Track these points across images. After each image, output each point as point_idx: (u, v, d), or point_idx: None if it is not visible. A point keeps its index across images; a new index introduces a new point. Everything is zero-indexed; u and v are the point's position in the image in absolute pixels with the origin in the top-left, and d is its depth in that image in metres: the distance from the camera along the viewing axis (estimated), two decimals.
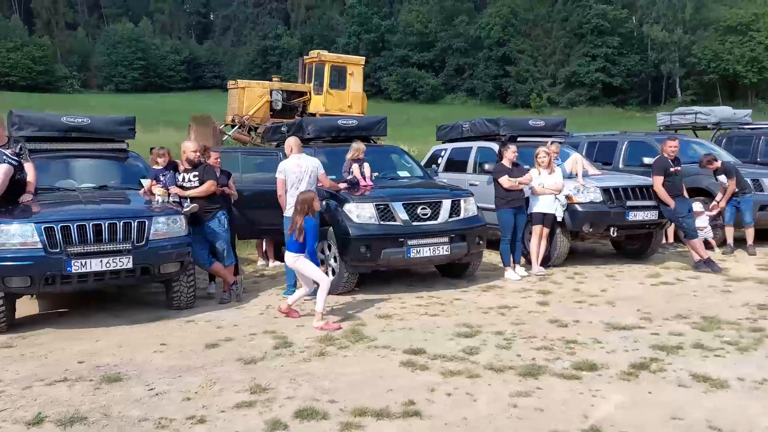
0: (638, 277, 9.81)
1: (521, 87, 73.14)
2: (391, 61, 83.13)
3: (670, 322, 7.28)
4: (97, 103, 55.20)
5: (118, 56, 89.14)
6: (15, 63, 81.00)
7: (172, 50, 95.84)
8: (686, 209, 10.36)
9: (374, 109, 62.60)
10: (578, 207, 10.36)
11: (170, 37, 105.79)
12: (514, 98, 74.26)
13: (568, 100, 69.52)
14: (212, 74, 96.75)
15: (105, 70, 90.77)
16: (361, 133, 11.29)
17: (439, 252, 8.87)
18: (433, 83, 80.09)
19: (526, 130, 12.31)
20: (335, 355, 6.24)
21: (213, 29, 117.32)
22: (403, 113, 62.26)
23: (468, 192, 9.63)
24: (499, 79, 76.53)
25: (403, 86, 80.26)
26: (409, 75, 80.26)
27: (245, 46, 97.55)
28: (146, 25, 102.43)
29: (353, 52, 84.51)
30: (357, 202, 8.75)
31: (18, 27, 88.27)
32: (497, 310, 8.02)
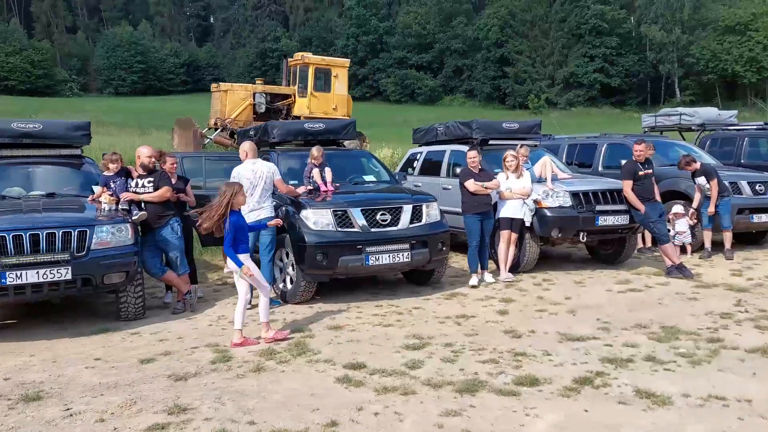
0: (607, 284, 9.57)
1: (519, 88, 72.86)
2: (389, 63, 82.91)
3: (627, 333, 7.06)
4: (92, 107, 55.11)
5: (117, 59, 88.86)
6: (14, 67, 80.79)
7: (171, 53, 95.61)
8: (657, 213, 10.12)
9: (373, 111, 62.55)
10: (547, 212, 10.13)
11: (170, 39, 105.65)
12: (512, 99, 73.98)
13: (566, 100, 69.20)
14: (212, 77, 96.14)
15: (104, 74, 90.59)
16: (329, 137, 11.09)
17: (399, 259, 8.65)
18: (431, 85, 79.85)
19: (499, 133, 12.05)
20: (272, 371, 6.02)
21: (213, 32, 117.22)
22: (401, 115, 62.09)
23: (431, 197, 9.41)
24: (497, 80, 76.25)
25: (402, 88, 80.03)
26: (408, 77, 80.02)
27: (244, 49, 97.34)
28: (146, 29, 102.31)
29: (351, 54, 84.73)
30: (314, 208, 8.54)
31: (17, 31, 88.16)
32: (455, 319, 7.80)
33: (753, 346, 6.39)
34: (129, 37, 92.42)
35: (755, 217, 11.87)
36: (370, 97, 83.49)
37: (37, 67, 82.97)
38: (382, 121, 55.67)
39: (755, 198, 11.96)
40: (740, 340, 6.64)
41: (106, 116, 49.69)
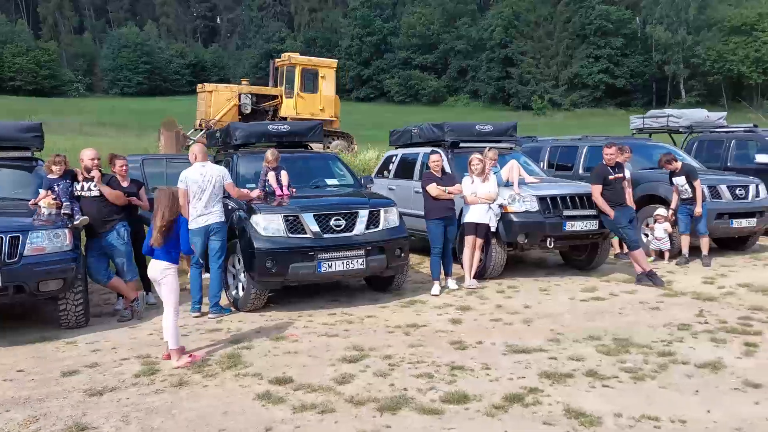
0: (572, 291, 9.29)
1: (523, 89, 72.48)
2: (393, 64, 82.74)
3: (577, 345, 6.78)
4: (93, 108, 55.13)
5: (123, 60, 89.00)
6: (20, 67, 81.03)
7: (177, 54, 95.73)
8: (627, 219, 9.82)
9: (376, 112, 62.46)
10: (513, 217, 9.86)
11: (176, 40, 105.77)
12: (516, 100, 73.66)
13: (570, 101, 68.83)
14: (217, 78, 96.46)
15: (110, 74, 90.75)
16: (294, 139, 10.85)
17: (353, 266, 8.39)
18: (435, 85, 79.62)
19: (472, 136, 11.76)
20: (194, 386, 5.76)
21: (219, 33, 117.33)
22: (404, 116, 61.80)
23: (390, 202, 9.14)
24: (501, 81, 75.95)
25: (406, 89, 79.84)
26: (412, 77, 79.82)
27: (249, 50, 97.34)
28: (152, 29, 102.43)
29: (356, 55, 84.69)
30: (264, 213, 8.29)
31: (23, 31, 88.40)
32: (404, 329, 7.55)
33: (704, 361, 6.10)
34: (135, 38, 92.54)
35: (735, 222, 11.56)
36: (374, 98, 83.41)
37: (44, 68, 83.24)
38: (385, 123, 55.46)
39: (735, 202, 11.64)
40: (692, 354, 6.35)
41: (106, 117, 49.87)
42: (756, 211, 11.74)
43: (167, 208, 6.34)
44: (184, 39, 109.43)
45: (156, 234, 6.29)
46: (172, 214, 6.39)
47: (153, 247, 6.39)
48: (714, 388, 5.47)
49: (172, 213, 6.38)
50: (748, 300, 8.48)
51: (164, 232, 6.28)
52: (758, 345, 6.54)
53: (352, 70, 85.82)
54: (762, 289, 9.00)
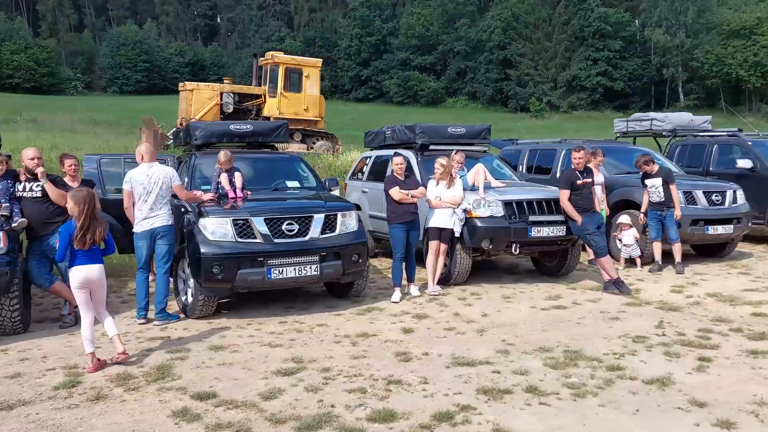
0: (535, 299, 9.02)
1: (522, 90, 72.11)
2: (392, 65, 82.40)
3: (526, 357, 6.50)
4: (88, 106, 54.86)
5: (122, 58, 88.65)
6: (18, 65, 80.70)
7: (176, 52, 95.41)
8: (595, 225, 9.55)
9: (375, 113, 62.10)
10: (477, 222, 9.59)
11: (175, 39, 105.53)
12: (514, 102, 73.29)
13: (569, 104, 68.42)
14: (216, 77, 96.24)
15: (109, 72, 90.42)
16: (257, 139, 10.60)
17: (306, 272, 8.12)
18: (434, 86, 79.27)
19: (444, 138, 11.50)
20: (111, 401, 5.49)
21: (219, 32, 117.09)
22: (402, 117, 61.53)
23: (348, 205, 8.86)
24: (500, 82, 75.58)
25: (404, 89, 79.51)
26: (411, 78, 79.47)
27: (249, 49, 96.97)
28: (151, 27, 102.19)
29: (355, 55, 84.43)
30: (212, 216, 8.02)
31: (22, 28, 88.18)
32: (353, 338, 7.28)
33: (653, 377, 5.82)
34: (134, 36, 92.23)
35: (710, 229, 11.28)
36: (373, 99, 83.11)
37: (42, 65, 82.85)
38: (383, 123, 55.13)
39: (710, 209, 11.36)
40: (642, 369, 6.07)
41: (100, 115, 49.59)
42: (733, 218, 11.46)
43: (83, 212, 6.12)
44: (183, 38, 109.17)
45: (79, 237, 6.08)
46: (89, 217, 6.15)
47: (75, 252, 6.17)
48: (656, 407, 5.20)
49: (88, 216, 6.14)
50: (714, 311, 8.20)
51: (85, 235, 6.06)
52: (712, 360, 6.26)
53: (351, 70, 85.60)
54: (730, 299, 8.72)
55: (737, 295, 8.92)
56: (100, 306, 6.49)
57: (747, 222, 11.73)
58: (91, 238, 6.22)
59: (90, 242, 6.23)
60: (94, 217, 6.30)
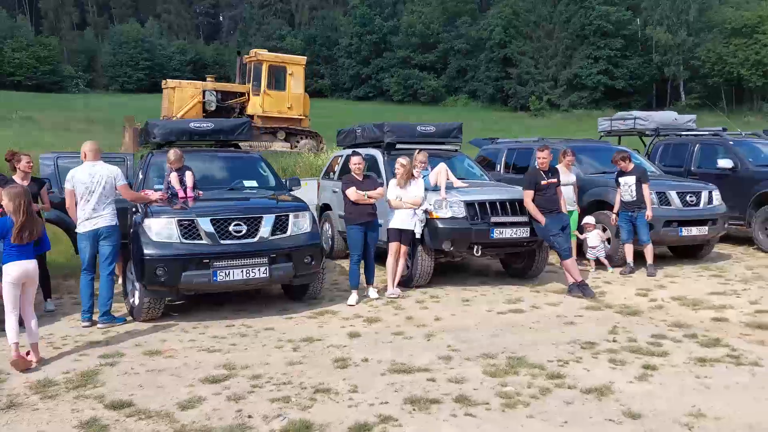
0: (494, 303, 8.80)
1: (522, 89, 71.74)
2: (392, 63, 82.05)
3: (467, 363, 6.28)
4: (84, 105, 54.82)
5: (123, 56, 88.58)
6: (20, 62, 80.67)
7: (178, 50, 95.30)
8: (559, 226, 9.31)
9: (375, 112, 61.81)
10: (438, 223, 9.35)
11: (177, 37, 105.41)
12: (515, 101, 72.92)
13: (569, 102, 67.96)
14: (218, 75, 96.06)
15: (110, 71, 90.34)
16: (218, 137, 10.38)
17: (255, 275, 7.91)
18: (434, 85, 78.91)
19: (413, 137, 11.26)
20: (25, 408, 5.30)
21: (221, 30, 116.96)
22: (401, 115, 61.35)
23: (302, 206, 8.63)
24: (500, 81, 75.16)
25: (405, 88, 79.16)
26: (411, 77, 79.11)
27: (250, 47, 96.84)
28: (153, 25, 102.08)
29: (355, 53, 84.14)
30: (157, 217, 7.82)
31: (24, 26, 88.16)
32: (297, 343, 7.08)
33: (592, 386, 5.59)
34: (136, 34, 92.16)
35: (684, 231, 11.04)
36: (373, 97, 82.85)
37: (44, 63, 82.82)
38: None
39: (684, 210, 11.11)
40: (584, 377, 5.84)
41: (96, 113, 49.54)
42: (708, 219, 11.21)
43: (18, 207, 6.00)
44: (185, 36, 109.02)
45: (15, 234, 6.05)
46: (26, 213, 6.03)
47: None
48: (587, 419, 4.97)
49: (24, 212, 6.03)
50: (675, 315, 7.98)
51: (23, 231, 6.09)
52: (657, 368, 6.03)
53: (351, 68, 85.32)
54: (694, 303, 8.49)
55: (702, 299, 8.68)
56: (29, 304, 6.36)
57: (723, 223, 11.48)
58: (28, 235, 6.11)
59: (27, 238, 6.11)
60: (30, 214, 6.21)
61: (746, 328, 7.37)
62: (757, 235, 12.66)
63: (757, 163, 13.24)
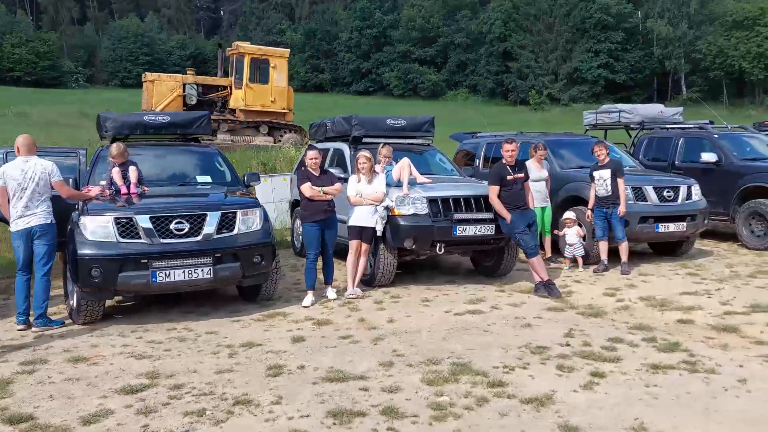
0: (455, 303, 8.42)
1: (522, 83, 71.24)
2: (392, 57, 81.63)
3: (407, 370, 5.91)
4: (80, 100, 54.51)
5: (123, 51, 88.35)
6: (20, 58, 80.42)
7: (177, 45, 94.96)
8: (525, 223, 8.92)
9: (375, 106, 61.41)
10: (400, 220, 8.95)
11: (177, 32, 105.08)
12: (515, 95, 72.44)
13: (569, 96, 67.48)
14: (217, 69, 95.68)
15: (110, 66, 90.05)
16: (175, 131, 10.01)
17: (197, 275, 7.52)
18: (434, 79, 78.50)
19: (383, 130, 10.88)
20: None
21: (222, 24, 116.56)
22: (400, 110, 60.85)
23: (252, 202, 8.24)
24: (500, 75, 74.67)
25: (405, 82, 78.77)
26: (411, 71, 78.68)
27: (250, 41, 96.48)
28: (152, 20, 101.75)
29: (355, 47, 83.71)
30: (93, 215, 7.43)
31: (23, 21, 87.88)
32: (236, 348, 6.74)
33: (534, 395, 5.22)
34: (135, 29, 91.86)
35: (661, 227, 10.62)
36: (374, 92, 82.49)
37: (44, 59, 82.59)
38: None
39: (661, 205, 10.69)
40: (527, 385, 5.46)
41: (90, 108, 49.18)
42: (686, 215, 10.79)
43: None
44: (185, 30, 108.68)
45: None
46: None
47: None
48: None
49: None
50: (638, 317, 7.59)
51: None
52: (606, 375, 5.63)
53: (351, 63, 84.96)
54: (661, 304, 8.10)
55: (671, 299, 8.29)
56: None
57: (703, 219, 11.06)
58: None
59: None
60: None
61: (711, 330, 6.96)
62: (741, 231, 12.24)
63: (742, 156, 12.82)
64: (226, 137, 22.42)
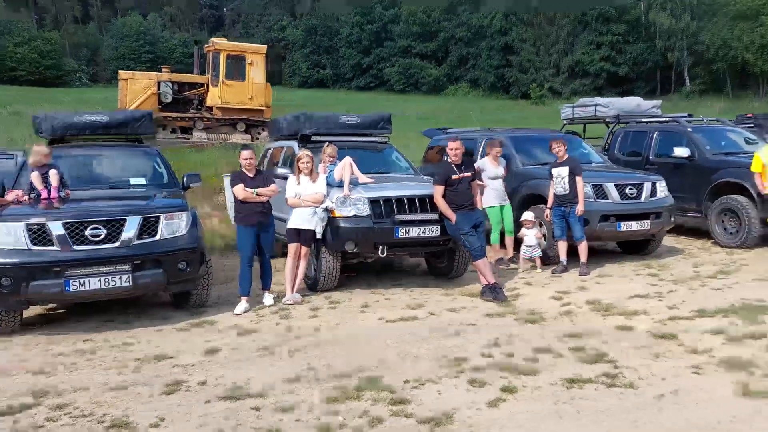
0: (393, 309, 8.08)
1: (523, 77, 70.58)
2: (393, 52, 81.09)
3: (313, 386, 5.51)
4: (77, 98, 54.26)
5: (125, 50, 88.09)
6: (22, 57, 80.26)
7: (180, 43, 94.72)
8: (470, 224, 8.53)
9: (376, 102, 60.99)
10: (340, 222, 8.58)
11: (179, 29, 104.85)
12: (516, 89, 71.78)
13: (571, 90, 66.59)
14: None
15: (113, 64, 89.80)
16: (117, 131, 9.65)
17: (115, 284, 7.18)
18: (435, 74, 77.87)
19: (335, 128, 10.51)
20: None
21: (225, 22, 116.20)
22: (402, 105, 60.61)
23: (178, 205, 7.87)
24: (501, 69, 73.99)
25: (406, 77, 78.22)
26: (412, 66, 78.13)
27: (252, 39, 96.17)
28: (155, 18, 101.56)
29: (356, 43, 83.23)
30: (4, 221, 7.09)
31: (25, 21, 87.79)
32: (144, 361, 6.43)
33: (434, 414, 4.86)
34: (138, 27, 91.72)
35: (623, 225, 10.21)
36: (374, 87, 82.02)
37: (46, 58, 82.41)
38: None
39: (623, 203, 10.28)
40: (430, 403, 5.11)
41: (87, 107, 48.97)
42: (650, 213, 10.37)
43: None
44: (188, 28, 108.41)
45: None
46: None
47: None
48: None
49: None
50: (578, 323, 7.22)
51: None
52: (517, 391, 5.25)
53: (352, 58, 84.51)
54: (607, 308, 7.70)
55: (619, 303, 7.88)
56: None
57: (669, 216, 10.63)
58: None
59: None
60: None
61: (649, 337, 6.56)
62: (714, 228, 11.82)
63: (716, 151, 12.36)
64: (202, 135, 22.10)
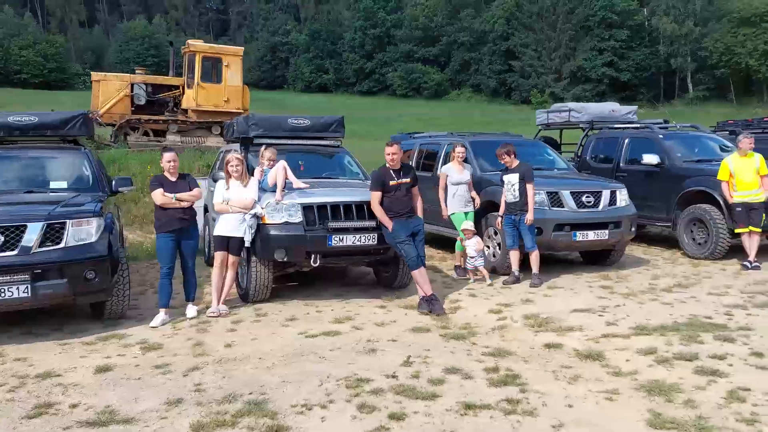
0: (321, 321, 7.64)
1: (525, 82, 70.15)
2: (396, 57, 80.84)
3: (189, 412, 5.09)
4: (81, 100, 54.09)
5: (130, 53, 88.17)
6: (27, 60, 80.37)
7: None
8: (407, 232, 8.06)
9: (379, 106, 60.71)
10: (270, 229, 8.10)
11: (185, 33, 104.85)
12: (518, 94, 71.32)
13: (573, 95, 66.01)
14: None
15: (118, 68, 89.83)
16: (45, 133, 9.23)
17: (12, 294, 6.72)
18: (437, 79, 77.62)
19: (284, 131, 10.07)
20: None
21: (230, 26, 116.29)
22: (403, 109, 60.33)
23: (87, 211, 7.36)
24: (503, 74, 73.63)
25: (408, 82, 77.96)
26: (414, 71, 77.86)
27: (256, 43, 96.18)
28: (160, 22, 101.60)
29: (359, 48, 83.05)
30: None
31: (30, 24, 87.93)
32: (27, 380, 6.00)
33: None
34: (143, 31, 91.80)
35: (579, 235, 9.72)
36: (377, 92, 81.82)
37: (51, 61, 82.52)
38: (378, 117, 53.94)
39: (579, 212, 9.79)
40: (310, 431, 4.56)
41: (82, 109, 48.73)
42: (608, 222, 9.87)
43: None
44: (194, 33, 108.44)
45: None
46: None
47: None
48: None
49: None
50: (507, 339, 6.74)
51: None
52: (406, 417, 4.78)
53: (355, 63, 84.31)
54: (542, 323, 7.21)
55: (558, 318, 7.41)
56: None
57: (630, 226, 10.12)
58: None
59: None
60: None
61: (573, 357, 6.06)
62: (682, 238, 11.34)
63: (686, 158, 11.85)
64: (176, 138, 21.69)
